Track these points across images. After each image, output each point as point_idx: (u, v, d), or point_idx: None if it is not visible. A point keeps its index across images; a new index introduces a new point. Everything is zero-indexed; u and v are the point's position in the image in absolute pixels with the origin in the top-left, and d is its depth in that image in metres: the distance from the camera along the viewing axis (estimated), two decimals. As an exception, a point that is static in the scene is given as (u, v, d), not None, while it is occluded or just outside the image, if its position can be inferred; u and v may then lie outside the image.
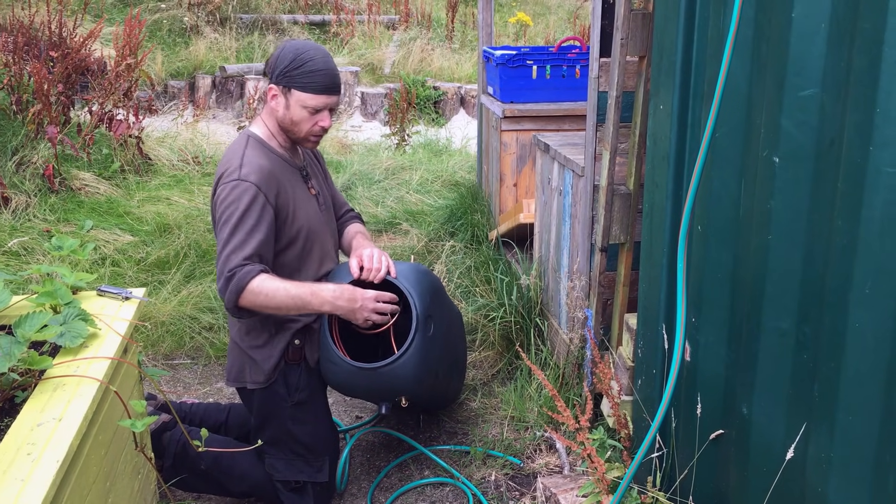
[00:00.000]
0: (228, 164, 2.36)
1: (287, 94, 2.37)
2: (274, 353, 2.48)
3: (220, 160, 2.45)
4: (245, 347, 2.50)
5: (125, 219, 4.80)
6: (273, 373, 2.49)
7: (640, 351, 2.40)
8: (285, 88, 2.36)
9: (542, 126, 4.27)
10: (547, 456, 2.93)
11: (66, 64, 5.53)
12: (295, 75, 2.33)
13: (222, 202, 2.32)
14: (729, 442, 1.95)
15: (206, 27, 9.58)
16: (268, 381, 2.49)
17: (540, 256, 3.60)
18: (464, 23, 11.74)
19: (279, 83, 2.36)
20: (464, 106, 9.14)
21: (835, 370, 1.55)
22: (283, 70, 2.34)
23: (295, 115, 2.38)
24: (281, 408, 2.52)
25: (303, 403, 2.55)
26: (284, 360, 2.50)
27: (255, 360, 2.49)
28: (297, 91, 2.35)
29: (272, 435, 2.55)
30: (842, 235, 1.50)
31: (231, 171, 2.33)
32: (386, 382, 2.51)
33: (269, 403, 2.52)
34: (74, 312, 1.96)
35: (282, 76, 2.35)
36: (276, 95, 2.39)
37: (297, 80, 2.33)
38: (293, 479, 2.55)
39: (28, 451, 1.55)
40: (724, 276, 1.93)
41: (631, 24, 2.53)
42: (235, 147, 2.43)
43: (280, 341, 2.49)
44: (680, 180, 2.13)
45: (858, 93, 1.45)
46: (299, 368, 2.54)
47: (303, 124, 2.40)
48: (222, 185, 2.33)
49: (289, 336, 2.49)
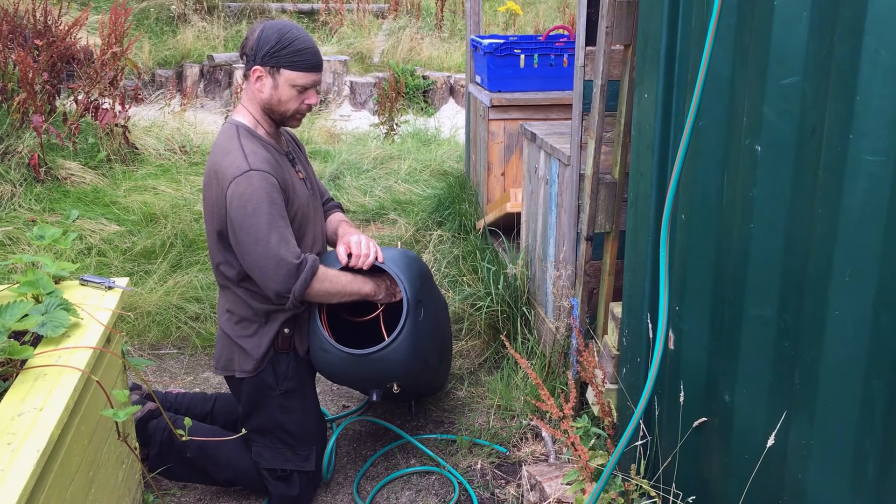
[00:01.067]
0: (231, 158, 2.32)
1: (275, 75, 2.36)
2: (263, 342, 2.48)
3: (214, 154, 2.39)
4: (234, 336, 2.49)
5: (111, 208, 4.77)
6: (262, 361, 2.49)
7: (625, 339, 2.40)
8: (273, 69, 2.35)
9: (529, 115, 4.26)
10: (533, 444, 2.94)
11: (52, 52, 5.48)
12: (283, 55, 2.32)
13: (241, 196, 2.29)
14: (711, 429, 1.96)
15: (193, 16, 9.51)
16: (256, 369, 2.49)
17: (527, 246, 3.60)
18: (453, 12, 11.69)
19: (265, 64, 2.34)
20: (453, 95, 9.12)
21: (815, 358, 1.56)
22: (269, 51, 2.32)
23: (283, 95, 2.38)
24: (269, 396, 2.52)
25: (291, 392, 2.55)
26: (273, 349, 2.50)
27: (243, 349, 2.48)
28: (287, 70, 2.34)
29: (260, 423, 2.55)
30: (822, 223, 1.51)
31: (238, 164, 2.30)
32: (378, 368, 2.51)
33: (257, 392, 2.52)
34: (56, 302, 1.95)
35: (268, 56, 2.33)
36: (262, 77, 2.37)
37: (285, 59, 2.33)
38: (280, 467, 2.55)
39: (8, 441, 1.55)
40: (707, 265, 1.94)
41: (616, 12, 2.52)
42: (228, 139, 2.38)
43: (270, 330, 2.49)
44: (664, 169, 2.13)
45: (839, 81, 1.45)
46: (288, 357, 2.54)
47: (290, 103, 2.40)
48: (236, 181, 2.28)
49: (278, 325, 2.49)
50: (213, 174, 2.37)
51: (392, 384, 2.57)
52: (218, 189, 2.35)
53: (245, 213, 2.29)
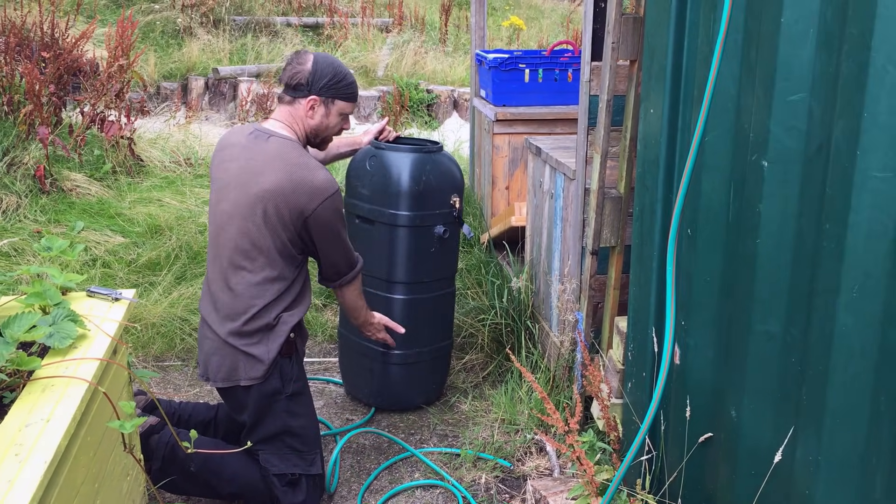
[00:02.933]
0: (321, 174, 2.49)
1: (329, 105, 2.60)
2: (272, 348, 2.52)
3: (289, 163, 2.48)
4: (240, 345, 2.51)
5: (116, 220, 4.78)
6: (272, 366, 2.52)
7: (631, 354, 2.41)
8: (329, 100, 2.59)
9: (534, 129, 4.28)
10: (537, 459, 2.94)
11: (59, 64, 5.50)
12: (339, 87, 2.59)
13: (336, 211, 2.52)
14: (717, 445, 1.96)
15: (199, 29, 9.56)
16: (265, 375, 2.52)
17: (531, 259, 3.61)
18: (457, 26, 11.76)
19: (322, 94, 2.57)
20: (457, 109, 9.15)
21: (822, 373, 1.56)
22: (326, 83, 2.56)
23: (332, 122, 2.64)
24: (277, 401, 2.57)
25: (297, 395, 2.61)
26: (279, 354, 2.53)
27: (252, 356, 2.51)
28: (340, 101, 2.62)
29: (269, 430, 2.58)
30: (830, 239, 1.51)
31: (329, 180, 2.50)
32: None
33: (265, 398, 2.55)
34: (64, 313, 1.96)
35: (326, 89, 2.57)
36: (316, 106, 2.58)
37: (341, 91, 2.60)
38: (288, 472, 2.58)
39: (16, 452, 1.55)
40: (713, 279, 1.94)
41: (622, 27, 2.54)
42: (300, 155, 2.52)
43: (280, 335, 2.53)
44: (670, 184, 2.13)
45: (846, 98, 1.46)
46: (291, 360, 2.60)
47: (334, 128, 2.67)
48: (331, 198, 2.48)
49: (287, 329, 2.53)
50: (302, 191, 2.45)
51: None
52: (307, 200, 2.46)
53: (337, 226, 2.57)
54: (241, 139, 2.57)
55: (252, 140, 2.54)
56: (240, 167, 2.51)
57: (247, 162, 2.50)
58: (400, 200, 3.01)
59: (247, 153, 2.52)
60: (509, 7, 13.78)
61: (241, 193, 2.48)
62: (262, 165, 2.48)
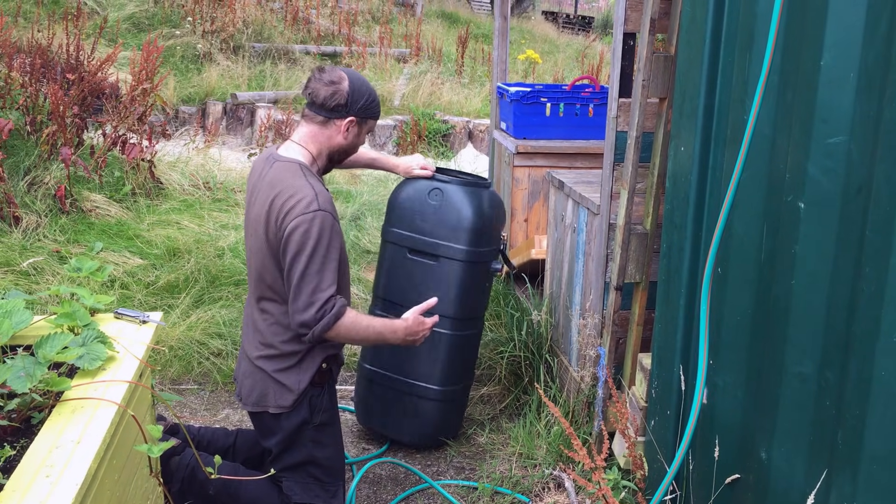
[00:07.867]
0: (299, 195, 2.38)
1: (362, 124, 2.60)
2: (304, 378, 2.50)
3: (276, 189, 2.42)
4: (271, 371, 2.50)
5: (135, 242, 4.81)
6: (301, 396, 2.50)
7: (655, 391, 2.39)
8: (362, 120, 2.58)
9: (554, 163, 4.29)
10: (555, 494, 2.91)
11: (83, 87, 5.57)
12: (372, 108, 2.60)
13: (305, 234, 2.35)
14: (746, 486, 1.94)
15: (218, 54, 9.68)
16: (294, 404, 2.50)
17: (551, 293, 3.60)
18: (473, 58, 11.87)
19: (359, 115, 2.56)
20: (472, 140, 9.20)
21: (860, 417, 1.55)
22: (363, 104, 2.56)
23: (361, 140, 2.65)
24: (304, 431, 2.54)
25: (324, 426, 2.58)
26: (310, 384, 2.52)
27: (282, 384, 2.49)
28: (371, 120, 2.63)
29: (294, 459, 2.55)
30: (869, 282, 1.51)
31: (308, 202, 2.36)
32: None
33: (292, 427, 2.53)
34: (94, 335, 1.96)
35: (363, 109, 2.56)
36: (352, 127, 2.56)
37: (371, 111, 2.60)
38: (310, 502, 2.55)
39: (47, 474, 1.54)
40: (744, 319, 1.93)
41: (653, 66, 2.56)
42: (293, 176, 2.44)
43: (311, 365, 2.51)
44: (700, 222, 2.14)
45: (888, 142, 1.46)
46: (322, 391, 2.57)
47: (360, 145, 2.69)
48: (301, 217, 2.34)
49: (320, 360, 2.51)
50: (285, 211, 2.38)
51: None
52: (282, 221, 2.37)
53: (303, 250, 2.35)
54: (259, 165, 2.57)
55: (264, 166, 2.54)
56: (251, 198, 2.52)
57: (254, 191, 2.51)
58: (465, 235, 2.97)
59: (258, 181, 2.52)
60: (525, 41, 13.91)
61: (252, 227, 2.50)
62: (260, 193, 2.47)
